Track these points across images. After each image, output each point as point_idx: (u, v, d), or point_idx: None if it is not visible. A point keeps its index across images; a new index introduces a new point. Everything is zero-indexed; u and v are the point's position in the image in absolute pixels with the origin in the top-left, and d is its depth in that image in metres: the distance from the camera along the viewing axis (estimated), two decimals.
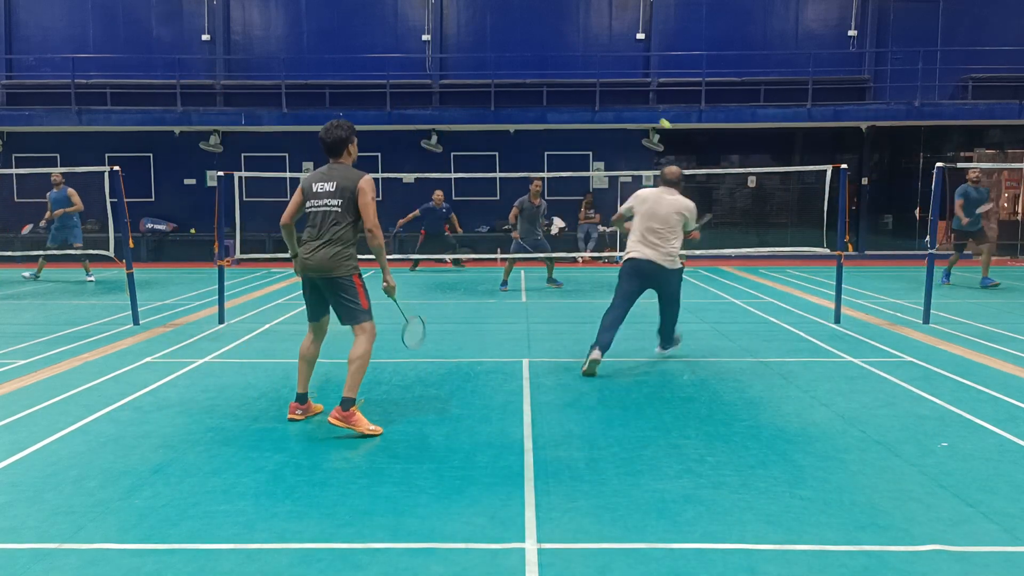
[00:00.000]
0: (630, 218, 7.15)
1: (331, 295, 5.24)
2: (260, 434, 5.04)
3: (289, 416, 5.37)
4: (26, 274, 14.62)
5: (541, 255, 12.80)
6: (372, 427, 5.04)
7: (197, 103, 19.43)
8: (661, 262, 6.91)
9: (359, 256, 5.39)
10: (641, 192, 7.17)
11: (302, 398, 5.43)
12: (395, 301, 5.57)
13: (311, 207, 5.27)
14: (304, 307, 5.54)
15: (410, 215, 16.35)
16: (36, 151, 19.58)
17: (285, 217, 5.39)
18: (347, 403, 5.01)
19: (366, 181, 5.28)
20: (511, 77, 19.33)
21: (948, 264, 13.67)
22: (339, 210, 5.21)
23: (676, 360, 7.29)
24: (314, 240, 5.19)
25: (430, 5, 19.81)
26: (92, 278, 14.08)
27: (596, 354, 6.68)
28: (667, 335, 7.41)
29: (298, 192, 5.37)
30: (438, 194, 15.94)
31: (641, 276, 7.00)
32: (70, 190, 13.95)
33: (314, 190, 5.25)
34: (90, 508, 3.84)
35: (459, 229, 16.96)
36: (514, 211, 12.53)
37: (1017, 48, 18.76)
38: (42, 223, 15.19)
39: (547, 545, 3.43)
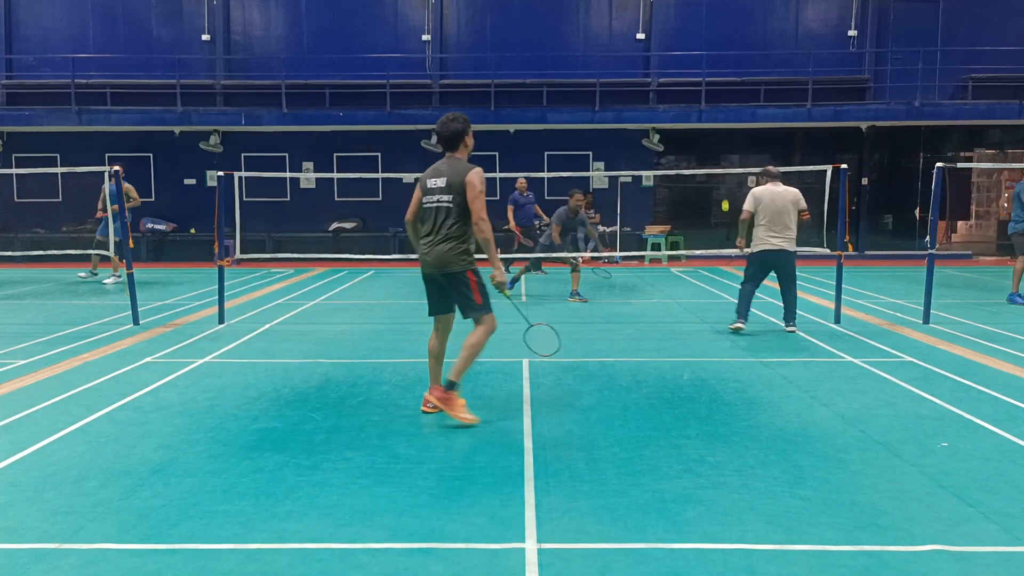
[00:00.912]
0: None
1: (451, 290, 5.34)
2: (260, 434, 5.04)
3: (423, 408, 5.46)
4: (82, 274, 14.64)
5: (555, 256, 11.76)
6: (469, 416, 5.17)
7: (197, 103, 19.43)
8: (787, 247, 8.51)
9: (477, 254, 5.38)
10: (755, 192, 8.65)
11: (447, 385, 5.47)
12: (508, 298, 5.64)
13: (427, 203, 5.34)
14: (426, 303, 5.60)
15: (509, 214, 14.89)
16: (36, 151, 19.58)
17: (408, 215, 5.51)
18: (450, 386, 5.20)
19: (475, 174, 5.23)
20: (511, 77, 19.34)
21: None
22: (451, 205, 5.23)
23: (676, 360, 7.30)
24: (430, 236, 5.28)
25: (430, 5, 19.81)
26: (106, 279, 13.98)
27: (741, 323, 8.55)
28: (792, 312, 8.63)
29: (417, 189, 5.45)
30: (521, 182, 14.87)
31: (769, 264, 8.60)
32: (125, 184, 13.69)
33: (428, 186, 5.32)
34: (90, 508, 3.84)
35: (544, 217, 15.14)
36: (556, 229, 11.48)
37: (1017, 48, 18.76)
38: (98, 215, 14.91)
39: (547, 545, 3.43)
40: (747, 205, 8.64)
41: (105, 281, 13.82)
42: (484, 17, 20.10)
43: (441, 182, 5.24)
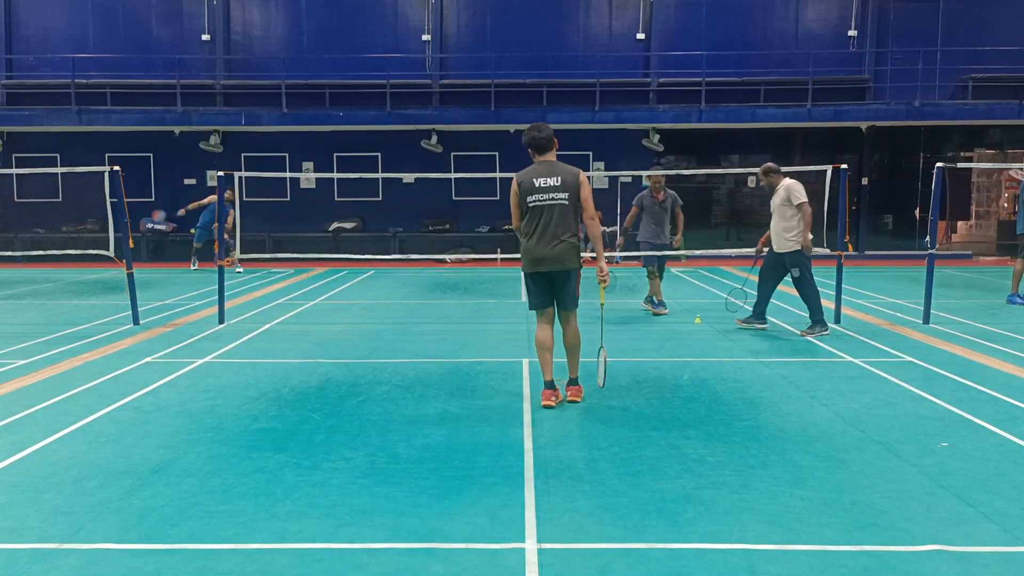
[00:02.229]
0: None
1: (564, 284, 5.62)
2: (260, 434, 5.04)
3: (544, 403, 5.60)
4: (238, 269, 15.61)
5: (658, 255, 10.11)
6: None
7: (197, 103, 19.43)
8: (777, 247, 8.45)
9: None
10: (798, 184, 8.43)
11: (551, 384, 5.69)
12: (603, 295, 5.89)
13: (535, 202, 5.50)
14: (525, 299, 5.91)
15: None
16: (36, 151, 19.58)
17: (517, 221, 5.66)
18: (575, 381, 5.77)
19: (584, 174, 5.66)
20: (511, 77, 19.33)
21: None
22: (567, 203, 5.49)
23: (676, 360, 7.30)
24: (546, 234, 5.47)
25: (430, 5, 19.81)
26: (239, 270, 15.38)
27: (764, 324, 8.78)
28: (812, 317, 8.46)
29: (515, 192, 5.58)
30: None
31: (770, 263, 8.64)
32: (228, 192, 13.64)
33: (537, 185, 5.49)
34: (90, 508, 3.84)
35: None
36: (633, 211, 10.14)
37: (1017, 48, 18.76)
38: (180, 212, 16.54)
39: (547, 545, 3.43)
40: (804, 197, 8.24)
41: (238, 270, 15.57)
42: (484, 17, 20.09)
43: (555, 181, 5.49)
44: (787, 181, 8.44)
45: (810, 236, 8.27)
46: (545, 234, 5.48)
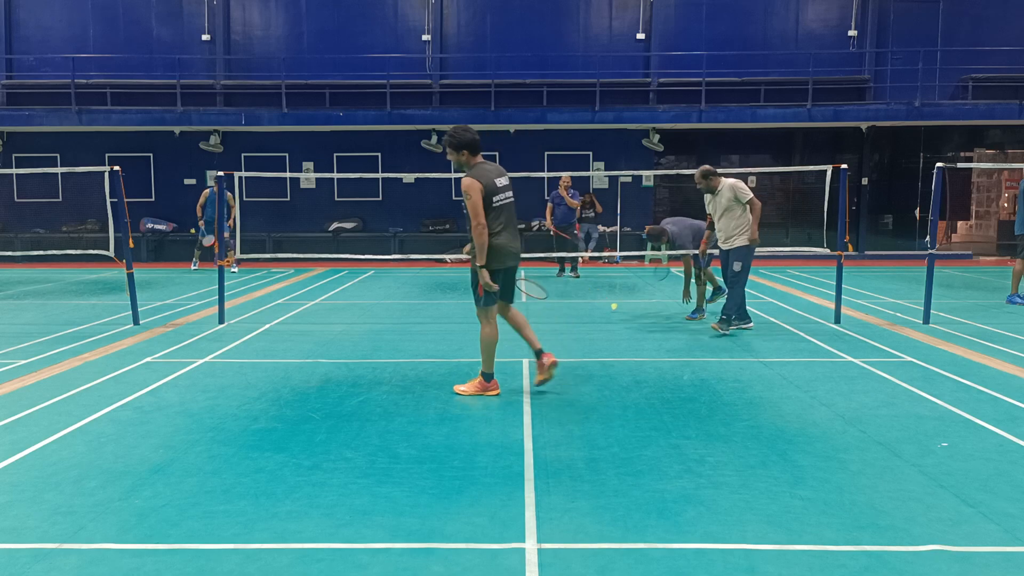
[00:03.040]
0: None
1: (513, 277, 6.01)
2: (260, 434, 5.04)
3: (495, 392, 5.96)
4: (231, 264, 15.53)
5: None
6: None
7: (197, 103, 19.43)
8: (726, 246, 8.56)
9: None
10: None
11: (539, 354, 5.98)
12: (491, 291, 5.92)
13: (500, 201, 5.75)
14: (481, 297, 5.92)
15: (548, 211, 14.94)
16: (36, 151, 19.58)
17: (484, 219, 5.69)
18: (541, 350, 5.98)
19: None
20: (511, 77, 19.33)
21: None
22: (513, 201, 5.89)
23: (676, 360, 7.29)
24: (509, 231, 5.81)
25: (430, 5, 19.81)
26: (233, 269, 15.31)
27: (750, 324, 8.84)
28: (726, 311, 8.52)
29: (480, 192, 5.66)
30: (564, 179, 14.46)
31: (727, 265, 8.60)
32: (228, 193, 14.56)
33: (498, 185, 5.74)
34: (90, 508, 3.84)
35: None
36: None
37: (1017, 48, 18.76)
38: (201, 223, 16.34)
39: (547, 545, 3.43)
40: (750, 193, 8.48)
41: (233, 270, 15.49)
42: (484, 17, 20.09)
43: (506, 180, 5.81)
44: (729, 181, 8.50)
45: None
46: (512, 231, 5.84)
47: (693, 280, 9.82)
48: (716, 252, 9.14)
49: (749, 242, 8.43)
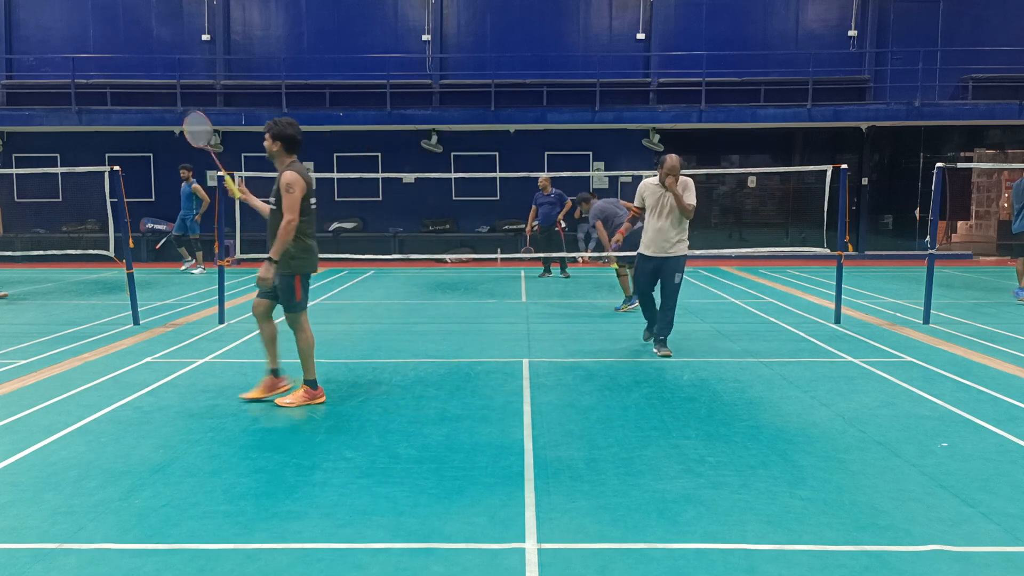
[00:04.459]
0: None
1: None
2: (260, 434, 5.04)
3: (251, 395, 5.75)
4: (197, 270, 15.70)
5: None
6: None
7: (197, 103, 19.39)
8: (662, 252, 7.47)
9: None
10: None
11: (274, 372, 5.92)
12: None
13: (313, 204, 5.72)
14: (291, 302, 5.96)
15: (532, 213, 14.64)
16: (36, 151, 19.57)
17: (294, 214, 5.71)
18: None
19: None
20: (511, 77, 19.33)
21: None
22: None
23: (676, 360, 7.29)
24: (313, 234, 5.71)
25: (430, 5, 19.81)
26: (197, 270, 15.37)
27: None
28: (665, 331, 7.61)
29: (302, 190, 5.63)
30: (542, 180, 14.32)
31: (650, 273, 7.60)
32: (195, 184, 15.36)
33: (312, 188, 5.65)
34: (90, 508, 3.84)
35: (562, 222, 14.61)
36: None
37: (1017, 48, 18.76)
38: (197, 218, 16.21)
39: (547, 545, 3.43)
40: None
41: (194, 271, 15.51)
42: (484, 17, 20.09)
43: (313, 183, 5.71)
44: (686, 179, 7.49)
45: None
46: (312, 235, 5.84)
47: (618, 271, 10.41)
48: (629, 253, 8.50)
49: (687, 250, 7.49)
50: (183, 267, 16.12)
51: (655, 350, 7.51)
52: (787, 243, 18.46)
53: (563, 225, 14.87)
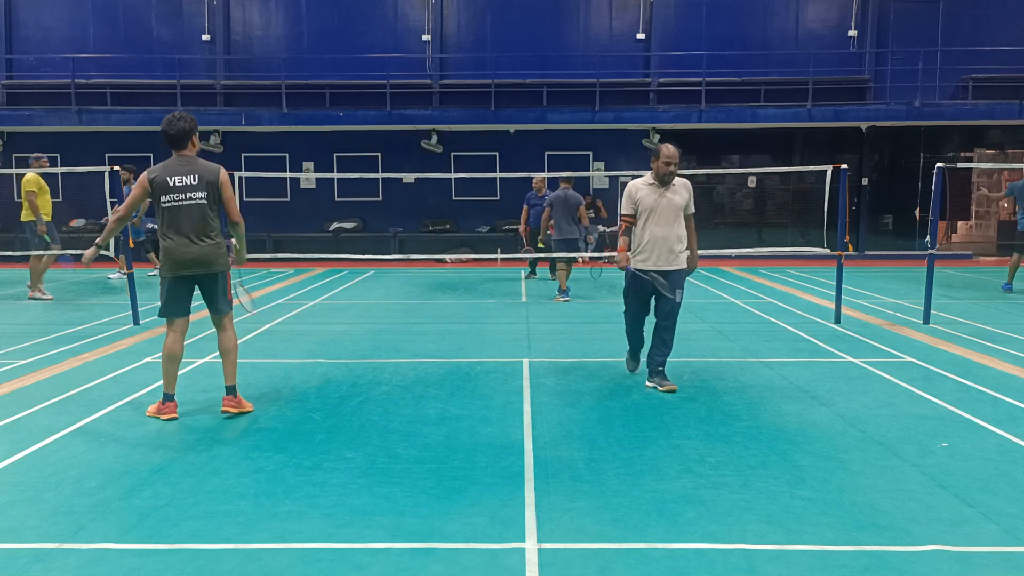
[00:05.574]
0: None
1: (211, 288, 5.42)
2: (260, 434, 5.04)
3: (165, 417, 5.32)
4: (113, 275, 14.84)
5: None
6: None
7: (197, 103, 19.42)
8: (663, 264, 6.19)
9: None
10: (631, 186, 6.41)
11: (172, 397, 5.46)
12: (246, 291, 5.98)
13: (170, 202, 5.28)
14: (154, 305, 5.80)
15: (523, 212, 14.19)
16: (36, 151, 19.55)
17: (124, 210, 5.49)
18: (232, 389, 5.52)
19: (225, 173, 5.43)
20: (511, 77, 19.34)
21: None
22: (205, 203, 5.32)
23: (676, 360, 7.28)
24: (182, 236, 5.26)
25: (430, 5, 19.82)
26: (116, 276, 14.32)
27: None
28: (663, 362, 6.28)
29: (144, 187, 5.35)
30: (536, 181, 13.98)
31: (643, 292, 6.36)
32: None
33: (172, 184, 5.28)
34: (90, 508, 3.84)
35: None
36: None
37: (1017, 48, 18.76)
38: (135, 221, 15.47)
39: (547, 545, 3.43)
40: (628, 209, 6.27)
41: (111, 276, 14.46)
42: (484, 17, 20.10)
43: (192, 179, 5.28)
44: (683, 180, 6.31)
45: None
46: (188, 236, 5.22)
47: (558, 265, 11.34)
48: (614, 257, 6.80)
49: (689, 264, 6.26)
50: (153, 270, 14.61)
51: (651, 383, 6.15)
52: (787, 243, 18.46)
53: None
